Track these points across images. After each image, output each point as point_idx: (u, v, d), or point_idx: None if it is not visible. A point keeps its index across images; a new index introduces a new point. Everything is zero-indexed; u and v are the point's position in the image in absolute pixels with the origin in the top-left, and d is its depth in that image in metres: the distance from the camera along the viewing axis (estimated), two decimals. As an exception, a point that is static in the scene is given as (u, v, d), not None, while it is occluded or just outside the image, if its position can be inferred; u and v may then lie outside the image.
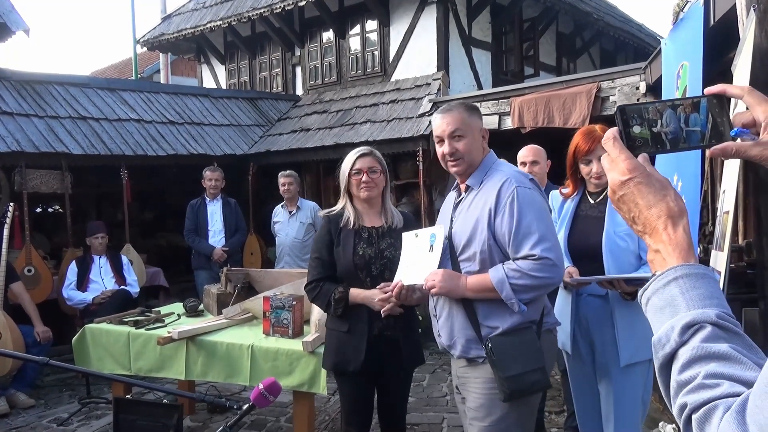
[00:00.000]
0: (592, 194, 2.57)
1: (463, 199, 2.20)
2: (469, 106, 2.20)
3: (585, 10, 9.12)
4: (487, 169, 2.17)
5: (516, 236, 2.02)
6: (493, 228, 2.06)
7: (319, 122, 7.61)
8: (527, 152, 3.73)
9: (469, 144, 2.13)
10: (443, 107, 2.19)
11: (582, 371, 2.64)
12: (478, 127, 2.18)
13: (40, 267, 5.55)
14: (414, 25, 7.50)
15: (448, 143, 2.13)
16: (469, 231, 2.11)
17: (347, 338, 2.58)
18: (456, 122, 2.12)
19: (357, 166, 2.62)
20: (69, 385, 5.11)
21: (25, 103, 6.13)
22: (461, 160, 2.13)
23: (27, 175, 5.64)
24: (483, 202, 2.09)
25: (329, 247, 2.63)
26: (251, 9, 8.39)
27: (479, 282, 2.07)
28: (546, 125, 5.44)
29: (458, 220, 2.18)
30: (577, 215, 2.60)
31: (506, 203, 2.04)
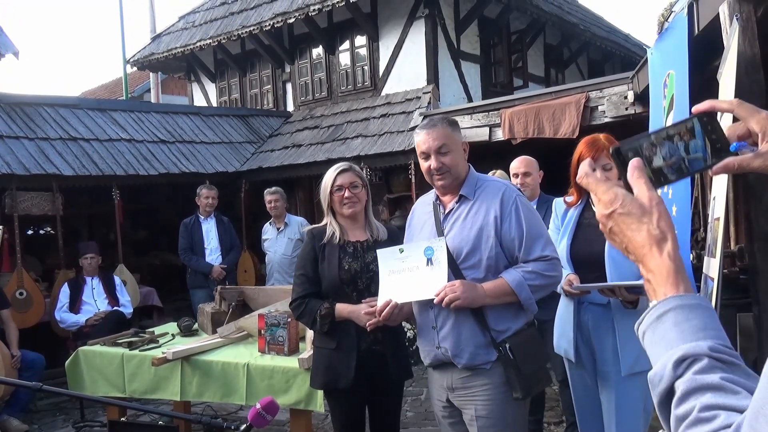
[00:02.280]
0: None
1: (455, 210, 2.24)
2: (451, 121, 2.25)
3: (571, 21, 9.22)
4: (476, 180, 2.25)
5: (527, 240, 2.13)
6: (501, 234, 2.14)
7: (311, 138, 7.63)
8: (519, 164, 3.75)
9: (454, 158, 2.18)
10: (426, 123, 2.23)
11: (583, 380, 2.63)
12: (461, 141, 2.25)
13: (31, 290, 5.50)
14: (403, 40, 7.55)
15: (435, 158, 2.18)
16: (472, 239, 2.15)
17: (336, 355, 2.55)
18: (441, 137, 2.17)
19: (338, 183, 2.60)
20: (63, 409, 5.05)
21: (15, 125, 6.11)
22: (448, 173, 2.18)
23: (18, 198, 5.61)
24: (485, 210, 2.17)
25: (314, 263, 2.61)
26: (241, 27, 8.43)
27: (497, 287, 2.12)
28: (536, 136, 5.48)
29: (454, 230, 2.21)
30: (580, 223, 2.61)
31: (512, 210, 2.15)
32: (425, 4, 7.33)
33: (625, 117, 5.00)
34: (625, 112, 4.97)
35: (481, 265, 2.15)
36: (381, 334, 2.55)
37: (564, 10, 9.43)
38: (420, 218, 2.36)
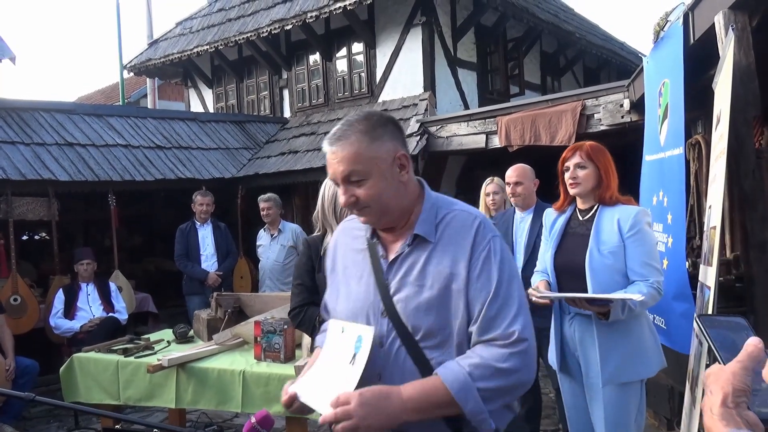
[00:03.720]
0: (582, 211, 2.59)
1: (405, 258, 1.47)
2: (371, 126, 1.45)
3: (567, 30, 9.27)
4: (436, 211, 1.49)
5: (491, 307, 1.38)
6: (469, 295, 1.41)
7: (308, 144, 7.63)
8: (512, 172, 3.75)
9: (375, 187, 1.42)
10: (333, 133, 1.46)
11: (573, 390, 2.63)
12: (388, 156, 1.44)
13: (26, 296, 5.47)
14: (400, 47, 7.57)
15: (344, 189, 1.45)
16: (436, 305, 1.41)
17: None
18: (350, 160, 1.42)
19: None
20: (57, 416, 5.01)
21: (11, 130, 6.10)
22: (368, 210, 1.45)
23: (13, 203, 5.59)
24: (451, 258, 1.43)
25: (311, 273, 2.61)
26: (238, 33, 8.44)
27: (425, 394, 1.34)
28: (533, 143, 5.49)
29: (406, 291, 1.43)
30: (566, 232, 2.62)
31: (481, 258, 1.42)
32: (422, 11, 7.36)
33: (621, 125, 5.02)
34: (621, 120, 5.00)
35: (450, 344, 1.42)
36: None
37: (560, 18, 9.49)
38: (347, 259, 1.60)
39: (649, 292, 2.32)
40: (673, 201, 3.11)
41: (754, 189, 2.57)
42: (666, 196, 3.21)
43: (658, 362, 2.47)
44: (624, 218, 2.41)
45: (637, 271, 2.38)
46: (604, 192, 2.48)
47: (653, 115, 3.57)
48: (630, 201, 2.50)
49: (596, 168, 2.49)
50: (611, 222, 2.43)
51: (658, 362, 2.47)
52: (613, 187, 2.49)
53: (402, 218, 1.50)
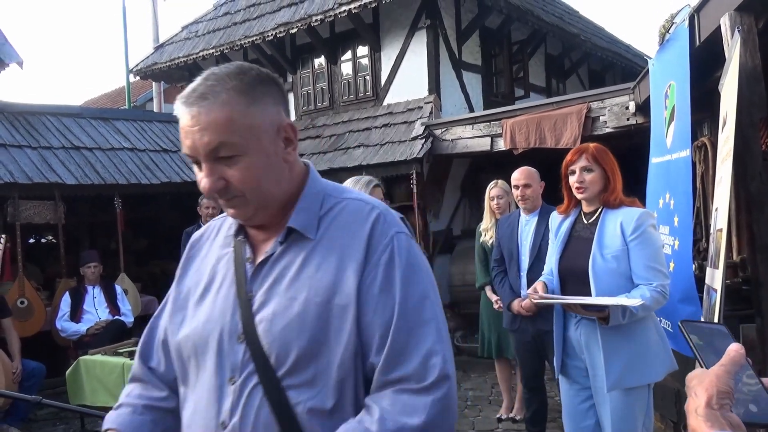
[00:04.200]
0: (587, 214, 2.57)
1: (275, 261, 1.09)
2: (250, 83, 1.05)
3: (572, 32, 9.26)
4: (321, 199, 1.12)
5: (399, 332, 1.00)
6: (361, 314, 1.02)
7: (313, 147, 7.64)
8: (519, 175, 3.75)
9: (252, 168, 1.04)
10: (194, 88, 1.04)
11: (575, 394, 2.61)
12: (271, 126, 1.06)
13: (33, 298, 5.50)
14: (405, 50, 7.58)
15: (208, 170, 1.03)
16: (310, 323, 1.02)
17: None
18: (218, 128, 1.01)
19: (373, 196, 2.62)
20: (63, 418, 5.03)
21: (18, 134, 6.14)
22: (240, 199, 1.05)
23: (20, 206, 5.62)
24: (336, 262, 1.05)
25: None
26: (243, 37, 8.47)
27: None
28: (538, 146, 5.49)
29: (273, 305, 1.05)
30: (571, 236, 2.60)
31: (381, 263, 1.04)
32: (427, 14, 7.37)
33: (627, 127, 5.00)
34: (627, 122, 4.98)
35: (326, 381, 1.02)
36: None
37: (565, 20, 9.48)
38: (204, 267, 1.19)
39: (652, 296, 2.29)
40: (679, 203, 3.10)
41: (760, 191, 2.56)
42: (672, 199, 3.20)
43: (665, 366, 2.45)
44: (627, 221, 2.38)
45: (641, 275, 2.35)
46: (609, 195, 2.46)
47: (659, 118, 3.56)
48: (634, 203, 2.48)
49: (603, 170, 2.47)
50: (614, 225, 2.41)
51: (665, 366, 2.45)
52: (618, 190, 2.47)
53: (282, 210, 1.10)
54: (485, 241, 4.34)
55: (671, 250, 3.11)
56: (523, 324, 3.62)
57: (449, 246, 7.13)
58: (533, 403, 3.75)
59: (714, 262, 2.51)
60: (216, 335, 1.08)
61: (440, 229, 7.18)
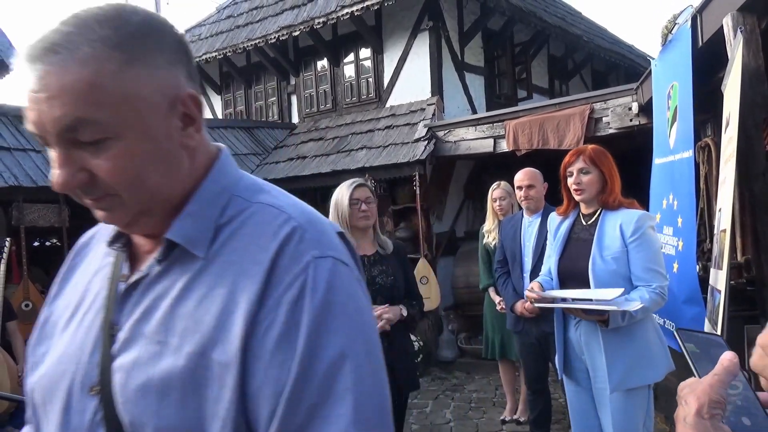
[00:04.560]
0: (585, 216, 2.57)
1: (150, 283, 0.76)
2: (128, 33, 0.71)
3: (575, 33, 9.25)
4: (222, 201, 0.79)
5: (290, 416, 0.66)
6: (248, 377, 0.68)
7: (316, 149, 7.65)
8: (523, 176, 3.75)
9: (130, 156, 0.71)
10: (43, 37, 0.69)
11: (579, 396, 2.61)
12: (160, 96, 0.73)
13: (37, 301, 5.51)
14: (407, 52, 7.59)
15: (63, 158, 0.71)
16: (179, 383, 0.68)
17: None
18: (75, 97, 0.68)
19: (355, 197, 2.67)
20: (67, 421, 5.04)
21: (23, 137, 6.16)
22: (113, 199, 0.73)
23: (24, 210, 5.64)
24: (224, 294, 0.71)
25: None
26: (246, 40, 8.49)
27: None
28: (541, 147, 5.48)
29: (137, 346, 0.72)
30: (570, 238, 2.60)
31: (285, 303, 0.69)
32: (429, 16, 7.37)
33: (630, 128, 5.00)
34: (630, 123, 4.98)
35: None
36: (386, 343, 2.58)
37: (568, 21, 9.47)
38: (86, 274, 0.87)
39: (651, 298, 2.30)
40: (683, 204, 3.09)
41: (764, 191, 2.55)
42: (676, 200, 3.20)
43: (665, 366, 2.45)
44: (626, 222, 2.38)
45: (640, 276, 2.35)
46: (608, 196, 2.46)
47: (662, 118, 3.56)
48: (633, 204, 2.48)
49: (600, 172, 2.47)
50: (614, 227, 2.41)
51: (665, 366, 2.45)
52: (616, 191, 2.47)
53: (163, 213, 0.77)
54: (488, 242, 4.34)
55: (675, 251, 3.11)
56: (526, 326, 3.62)
57: (453, 248, 7.13)
58: (537, 404, 3.74)
59: (718, 263, 2.50)
60: (66, 381, 0.76)
61: (443, 230, 7.17)
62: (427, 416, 4.81)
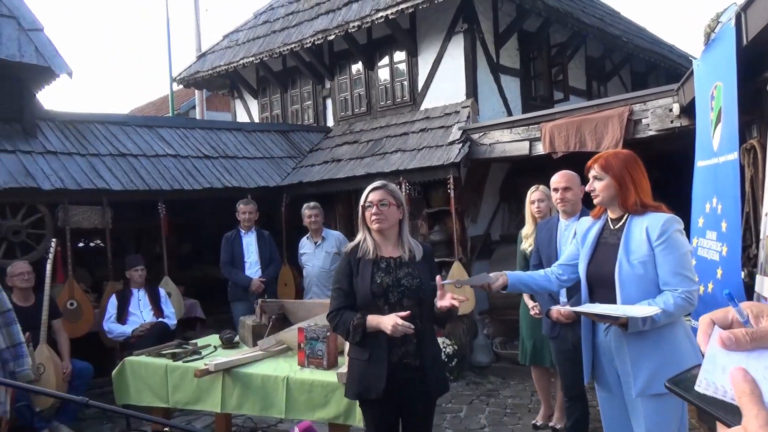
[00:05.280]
0: (613, 220, 2.54)
1: None
2: None
3: (613, 34, 9.08)
4: None
5: None
6: None
7: (350, 152, 7.70)
8: (559, 178, 3.71)
9: None
10: None
11: (611, 403, 2.57)
12: None
13: (82, 301, 5.69)
14: (442, 55, 7.57)
15: None
16: None
17: (368, 366, 2.63)
18: None
19: (369, 199, 2.72)
20: (110, 417, 5.18)
21: (68, 142, 6.37)
22: None
23: (69, 211, 5.82)
24: None
25: (349, 278, 2.71)
26: (282, 44, 8.60)
27: None
28: (578, 150, 5.39)
29: None
30: (599, 242, 2.58)
31: None
32: (464, 19, 7.34)
33: (671, 130, 4.88)
34: (671, 125, 4.86)
35: None
36: (414, 347, 2.60)
37: (606, 22, 9.30)
38: None
39: (675, 303, 2.25)
40: (727, 208, 3.00)
41: (814, 195, 2.45)
42: (720, 203, 3.11)
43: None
44: (653, 226, 2.35)
45: (666, 281, 2.31)
46: (624, 201, 2.43)
47: (705, 120, 3.46)
48: (660, 208, 2.43)
49: (613, 178, 2.44)
50: (640, 231, 2.38)
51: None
52: (635, 196, 2.43)
53: None
54: (525, 248, 4.30)
55: (719, 256, 3.02)
56: (562, 331, 3.56)
57: (488, 251, 7.07)
58: (574, 411, 3.68)
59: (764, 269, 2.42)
60: None
61: (478, 234, 7.13)
62: (462, 421, 4.77)
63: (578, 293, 2.69)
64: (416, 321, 2.59)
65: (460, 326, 6.33)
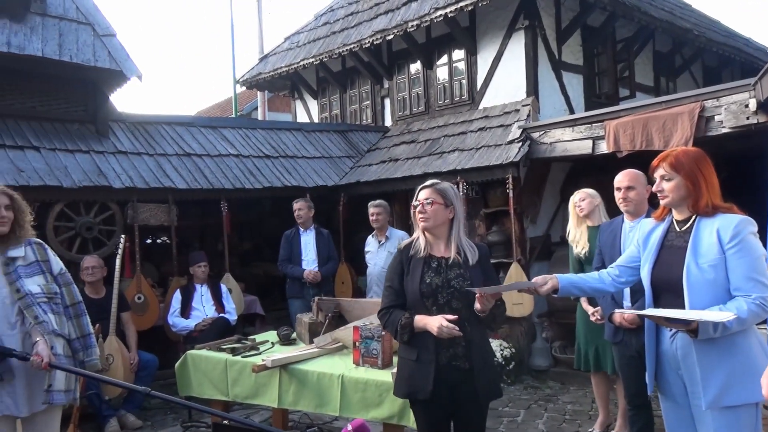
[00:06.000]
0: (679, 222, 2.40)
1: None
2: None
3: (684, 27, 8.68)
4: None
5: None
6: None
7: (408, 152, 7.68)
8: (623, 177, 3.57)
9: None
10: None
11: (677, 414, 2.43)
12: None
13: (149, 295, 5.92)
14: (502, 52, 7.44)
15: None
16: None
17: (416, 366, 2.61)
18: None
19: (417, 198, 2.72)
20: (173, 408, 5.37)
21: (138, 142, 6.64)
22: None
23: (138, 209, 6.07)
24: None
25: (400, 276, 2.70)
26: (341, 45, 8.68)
27: None
28: (645, 148, 5.17)
29: None
30: (664, 245, 2.43)
31: None
32: (525, 15, 7.19)
33: (746, 127, 4.61)
34: (746, 121, 4.59)
35: None
36: (463, 349, 2.56)
37: (675, 15, 8.90)
38: None
39: (749, 309, 2.10)
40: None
41: None
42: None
43: None
44: (724, 228, 2.20)
45: (739, 286, 2.16)
46: (695, 202, 2.29)
47: (784, 116, 3.25)
48: (731, 209, 2.28)
49: (684, 178, 2.30)
50: (710, 233, 2.24)
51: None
52: (707, 196, 2.28)
53: None
54: (578, 252, 4.18)
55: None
56: (626, 337, 3.42)
57: (547, 252, 6.90)
58: (638, 421, 3.53)
59: None
60: None
61: (538, 235, 6.96)
62: (519, 426, 4.67)
63: (643, 297, 2.57)
64: (465, 324, 2.54)
65: (517, 329, 6.21)
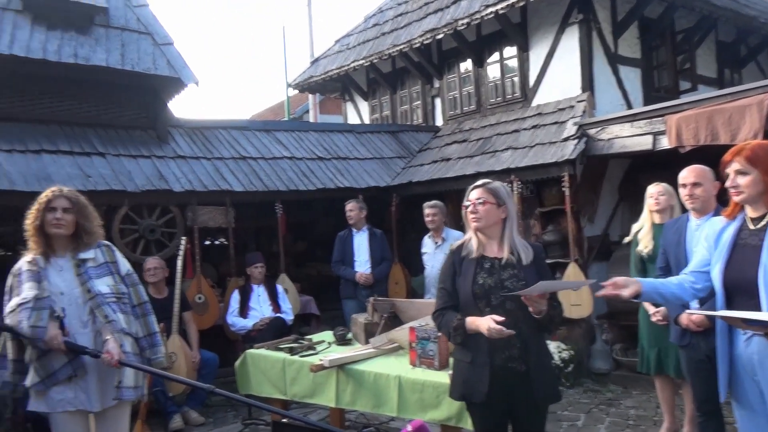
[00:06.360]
0: (753, 219, 2.28)
1: None
2: None
3: (749, 15, 8.28)
4: None
5: None
6: None
7: (460, 151, 7.63)
8: (687, 173, 3.43)
9: None
10: None
11: (753, 422, 2.31)
12: None
13: (209, 295, 6.09)
14: (555, 48, 7.29)
15: None
16: None
17: (471, 369, 2.58)
18: None
19: (468, 198, 2.68)
20: (234, 405, 5.51)
21: (196, 146, 6.85)
22: None
23: (197, 212, 6.26)
24: None
25: (452, 278, 2.68)
26: (391, 46, 8.70)
27: None
28: (710, 143, 4.97)
29: None
30: (736, 244, 2.31)
31: None
32: (579, 9, 7.02)
33: (822, 118, 4.36)
34: (822, 112, 4.34)
35: None
36: (518, 352, 2.51)
37: (740, 3, 8.49)
38: None
39: None
40: None
41: None
42: None
43: None
44: None
45: None
46: None
47: None
48: None
49: (762, 172, 2.18)
50: None
51: None
52: None
53: None
54: (641, 250, 4.02)
55: None
56: (694, 340, 3.29)
57: (606, 252, 6.71)
58: (708, 428, 3.38)
59: None
60: None
61: (596, 234, 6.78)
62: (579, 430, 4.57)
63: (712, 299, 2.46)
64: (520, 325, 2.49)
65: (576, 331, 6.06)
